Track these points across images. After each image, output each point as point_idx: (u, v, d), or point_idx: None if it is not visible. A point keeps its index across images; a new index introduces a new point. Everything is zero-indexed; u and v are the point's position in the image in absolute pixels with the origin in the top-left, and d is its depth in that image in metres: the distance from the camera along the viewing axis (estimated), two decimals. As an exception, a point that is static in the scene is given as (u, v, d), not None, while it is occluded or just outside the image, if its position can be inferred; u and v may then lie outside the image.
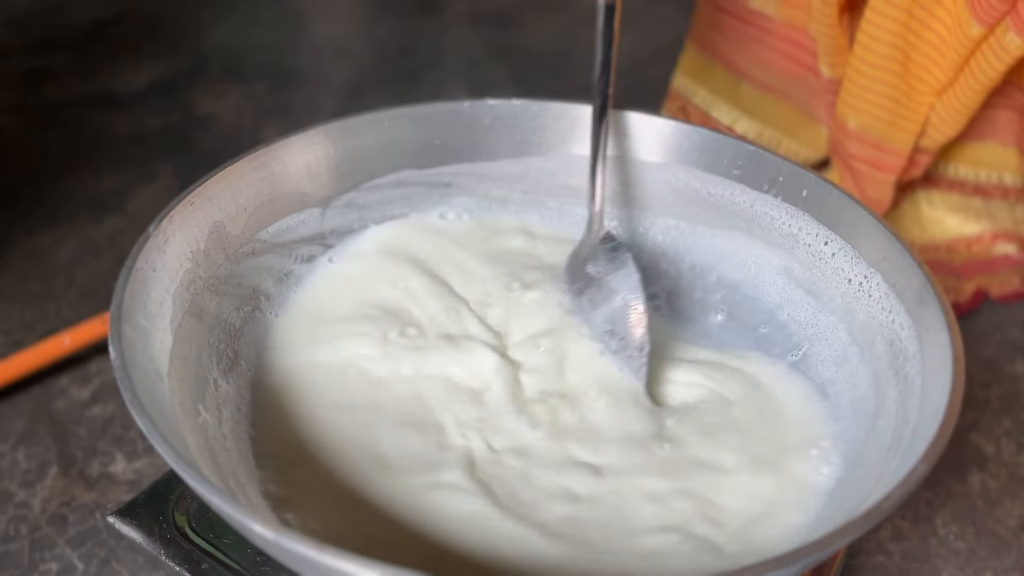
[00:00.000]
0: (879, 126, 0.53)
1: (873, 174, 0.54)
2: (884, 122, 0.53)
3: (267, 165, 0.40)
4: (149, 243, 0.34)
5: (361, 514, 0.32)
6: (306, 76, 0.85)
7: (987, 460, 0.48)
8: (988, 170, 0.56)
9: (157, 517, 0.37)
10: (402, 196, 0.45)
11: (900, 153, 0.53)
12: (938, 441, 0.27)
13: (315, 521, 0.32)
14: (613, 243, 0.41)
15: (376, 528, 0.32)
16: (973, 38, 0.47)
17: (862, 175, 0.55)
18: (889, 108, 0.52)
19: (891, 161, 0.54)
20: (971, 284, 0.57)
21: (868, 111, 0.53)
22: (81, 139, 0.74)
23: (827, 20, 0.53)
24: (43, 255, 0.61)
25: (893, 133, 0.53)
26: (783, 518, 0.33)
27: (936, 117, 0.52)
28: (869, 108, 0.53)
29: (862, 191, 0.55)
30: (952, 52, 0.49)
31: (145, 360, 0.31)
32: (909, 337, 0.34)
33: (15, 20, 0.92)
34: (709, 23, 0.61)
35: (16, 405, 0.50)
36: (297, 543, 0.23)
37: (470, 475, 0.34)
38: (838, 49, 0.54)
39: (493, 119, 0.45)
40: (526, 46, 0.92)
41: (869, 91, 0.52)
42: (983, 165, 0.56)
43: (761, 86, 0.61)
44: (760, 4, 0.58)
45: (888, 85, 0.52)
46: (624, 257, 0.40)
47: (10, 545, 0.42)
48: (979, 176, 0.56)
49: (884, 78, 0.51)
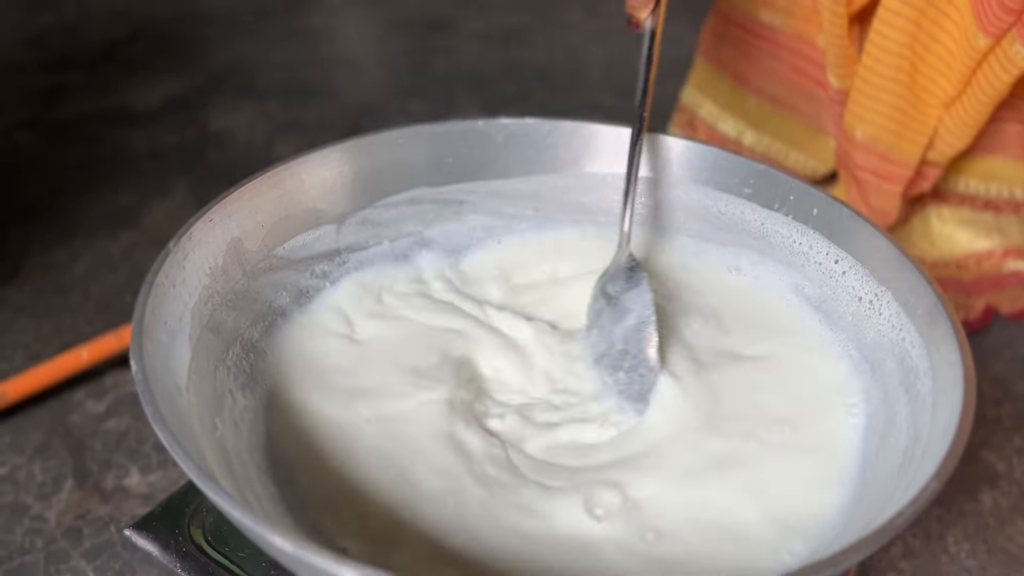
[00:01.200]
0: (887, 137, 0.53)
1: (880, 185, 0.54)
2: (892, 133, 0.53)
3: (284, 182, 0.41)
4: (169, 259, 0.34)
5: (379, 526, 0.33)
6: (318, 93, 0.86)
7: (998, 478, 0.48)
8: (999, 184, 0.56)
9: (173, 530, 0.37)
10: (416, 213, 0.45)
11: (907, 165, 0.53)
12: (949, 459, 0.27)
13: (334, 534, 0.32)
14: (632, 263, 0.41)
15: (397, 539, 0.32)
16: (980, 50, 0.48)
17: (868, 186, 0.55)
18: (897, 119, 0.53)
19: (898, 172, 0.54)
20: (981, 301, 0.57)
21: (876, 122, 0.53)
22: (97, 155, 0.75)
23: (837, 31, 0.53)
24: (60, 269, 0.61)
25: (901, 144, 0.53)
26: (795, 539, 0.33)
27: (944, 129, 0.52)
28: (877, 119, 0.53)
29: (867, 202, 0.55)
30: (959, 64, 0.49)
31: (165, 374, 0.31)
32: (920, 355, 0.34)
33: (32, 39, 0.93)
34: (719, 36, 0.62)
35: (33, 418, 0.50)
36: (316, 556, 0.24)
37: (491, 490, 0.34)
38: (847, 60, 0.54)
39: (506, 137, 0.45)
40: (536, 63, 0.92)
41: (877, 101, 0.53)
42: (993, 179, 0.56)
43: (769, 99, 0.61)
44: (769, 16, 0.58)
45: (896, 96, 0.52)
46: (639, 276, 0.40)
47: (26, 557, 0.43)
48: (990, 190, 0.57)
49: (892, 88, 0.52)
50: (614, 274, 0.41)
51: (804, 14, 0.56)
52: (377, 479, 0.35)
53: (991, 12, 0.46)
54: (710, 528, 0.33)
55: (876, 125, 0.53)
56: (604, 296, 0.41)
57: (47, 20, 0.97)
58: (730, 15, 0.61)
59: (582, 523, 0.33)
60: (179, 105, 0.83)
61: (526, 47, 0.95)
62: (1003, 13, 0.46)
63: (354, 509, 0.33)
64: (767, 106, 0.61)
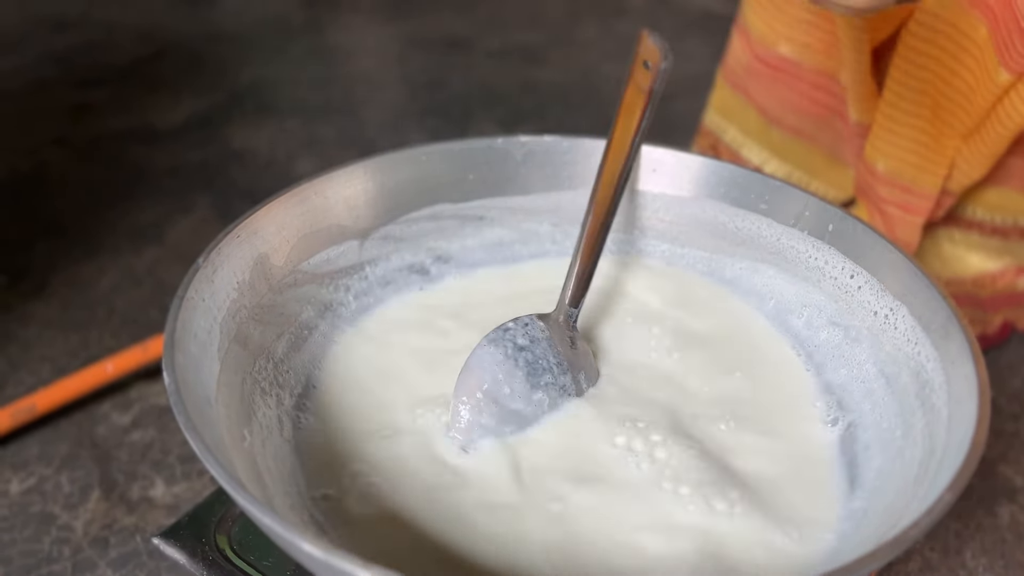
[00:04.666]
0: (909, 170, 0.54)
1: (904, 217, 0.55)
2: (913, 166, 0.54)
3: (309, 199, 0.42)
4: (199, 274, 0.35)
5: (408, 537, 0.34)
6: (338, 110, 0.88)
7: (1016, 492, 0.48)
8: (1003, 214, 0.57)
9: (200, 539, 0.38)
10: (437, 229, 0.46)
11: (928, 196, 0.54)
12: (965, 470, 0.27)
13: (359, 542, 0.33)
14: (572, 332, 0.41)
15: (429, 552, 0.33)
16: (1001, 85, 0.48)
17: (893, 218, 0.55)
18: (919, 152, 0.53)
19: (920, 204, 0.54)
20: (999, 317, 0.57)
21: (897, 155, 0.54)
22: (121, 172, 0.76)
23: (860, 68, 0.54)
24: (85, 284, 0.63)
25: (922, 176, 0.54)
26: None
27: (962, 160, 0.52)
28: (899, 152, 0.54)
29: (893, 234, 0.56)
30: (980, 98, 0.50)
31: (196, 386, 0.32)
32: (935, 369, 0.34)
33: (59, 57, 0.95)
34: (742, 66, 0.63)
35: (60, 430, 0.51)
36: (345, 562, 0.24)
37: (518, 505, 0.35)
38: (869, 95, 0.55)
39: (525, 155, 0.46)
40: (552, 81, 0.93)
41: (899, 136, 0.53)
42: (999, 209, 0.57)
43: (791, 130, 0.62)
44: (788, 50, 0.59)
45: (918, 130, 0.52)
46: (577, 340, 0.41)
47: (53, 567, 0.44)
48: (995, 219, 0.57)
49: (914, 123, 0.52)
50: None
51: (823, 48, 0.57)
52: (408, 491, 0.35)
53: (1013, 49, 0.47)
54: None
55: (898, 159, 0.54)
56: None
57: (73, 39, 0.99)
58: (751, 46, 0.61)
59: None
60: (201, 123, 0.84)
61: (542, 65, 0.96)
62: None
63: (385, 525, 0.34)
64: (788, 136, 0.62)
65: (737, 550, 0.33)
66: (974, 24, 0.49)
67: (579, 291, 0.41)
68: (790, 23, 0.58)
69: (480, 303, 0.45)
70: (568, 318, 0.41)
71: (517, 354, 0.38)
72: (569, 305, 0.41)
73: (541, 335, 0.39)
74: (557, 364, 0.38)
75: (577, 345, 0.40)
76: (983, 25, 0.48)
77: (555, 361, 0.39)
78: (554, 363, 0.38)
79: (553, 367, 0.38)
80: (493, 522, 0.34)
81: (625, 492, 0.35)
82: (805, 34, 0.57)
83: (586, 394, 0.40)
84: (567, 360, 0.39)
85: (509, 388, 0.37)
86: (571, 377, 0.38)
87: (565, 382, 0.38)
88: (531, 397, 0.38)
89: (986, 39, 0.48)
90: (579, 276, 0.41)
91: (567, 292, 0.41)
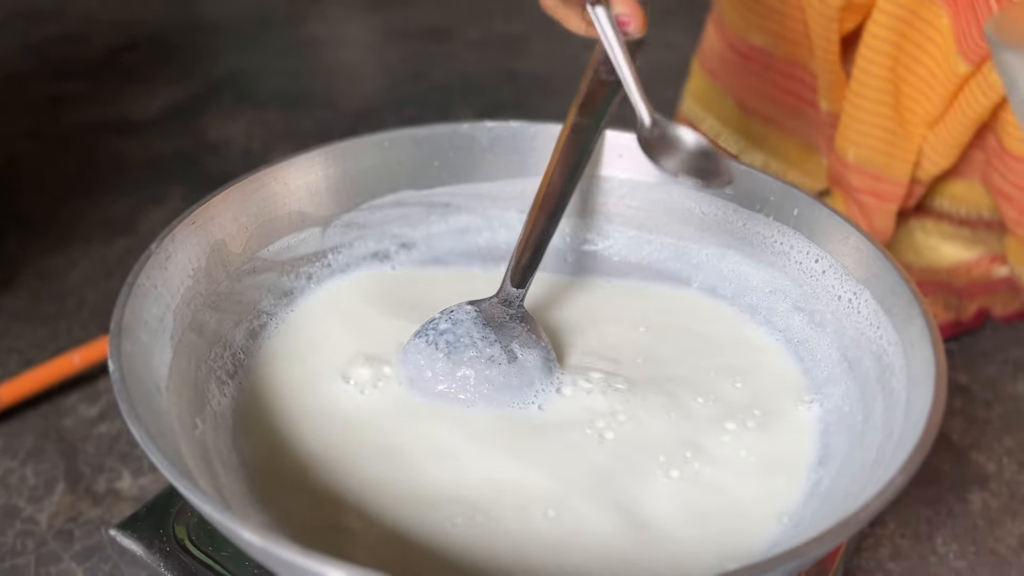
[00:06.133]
0: (878, 157, 0.54)
1: (878, 205, 0.56)
2: (882, 153, 0.54)
3: (268, 185, 0.41)
4: (151, 261, 0.35)
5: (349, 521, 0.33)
6: (317, 101, 0.87)
7: (988, 479, 0.48)
8: (967, 206, 0.58)
9: (158, 530, 0.37)
10: (401, 216, 0.46)
11: (900, 183, 0.55)
12: (918, 452, 0.27)
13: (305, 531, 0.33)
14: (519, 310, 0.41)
15: (369, 539, 0.33)
16: (961, 75, 0.49)
17: (868, 207, 0.56)
18: (886, 140, 0.54)
19: (892, 191, 0.55)
20: (974, 304, 0.57)
21: (866, 144, 0.54)
22: (95, 163, 0.75)
23: (829, 57, 0.54)
24: (55, 276, 0.62)
25: (891, 164, 0.54)
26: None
27: (929, 148, 0.53)
28: (867, 141, 0.54)
29: (870, 222, 0.56)
30: (941, 87, 0.50)
31: (145, 373, 0.31)
32: (896, 352, 0.34)
33: (34, 48, 0.94)
34: (717, 56, 0.63)
35: (25, 422, 0.51)
36: (284, 549, 0.24)
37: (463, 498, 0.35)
38: (837, 84, 0.55)
39: (491, 140, 0.46)
40: (533, 71, 0.93)
41: (865, 124, 0.54)
42: (961, 201, 0.58)
43: (765, 120, 0.62)
44: (761, 40, 0.59)
45: (883, 117, 0.53)
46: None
47: (17, 560, 0.43)
48: (959, 210, 0.58)
49: (879, 111, 0.53)
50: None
51: (795, 38, 0.57)
52: (361, 477, 0.35)
53: (972, 40, 0.47)
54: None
55: (866, 147, 0.54)
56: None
57: (49, 30, 0.98)
58: (725, 35, 0.61)
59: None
60: (177, 113, 0.83)
61: (523, 55, 0.96)
62: (983, 41, 0.47)
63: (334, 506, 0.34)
64: (763, 125, 0.62)
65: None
66: (937, 12, 0.49)
67: (521, 271, 0.41)
68: (763, 13, 0.58)
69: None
70: (512, 298, 0.41)
71: (438, 339, 0.39)
72: (512, 285, 0.41)
73: (466, 316, 0.39)
74: (482, 338, 0.39)
75: (522, 321, 0.40)
76: (946, 14, 0.49)
77: (479, 335, 0.39)
78: (478, 337, 0.39)
79: (477, 341, 0.38)
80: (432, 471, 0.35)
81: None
82: (777, 24, 0.58)
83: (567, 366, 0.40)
84: (494, 332, 0.39)
85: (431, 372, 0.38)
86: (500, 347, 0.38)
87: (493, 352, 0.38)
88: (454, 375, 0.38)
89: (948, 28, 0.48)
90: (519, 257, 0.41)
91: (507, 273, 0.41)
